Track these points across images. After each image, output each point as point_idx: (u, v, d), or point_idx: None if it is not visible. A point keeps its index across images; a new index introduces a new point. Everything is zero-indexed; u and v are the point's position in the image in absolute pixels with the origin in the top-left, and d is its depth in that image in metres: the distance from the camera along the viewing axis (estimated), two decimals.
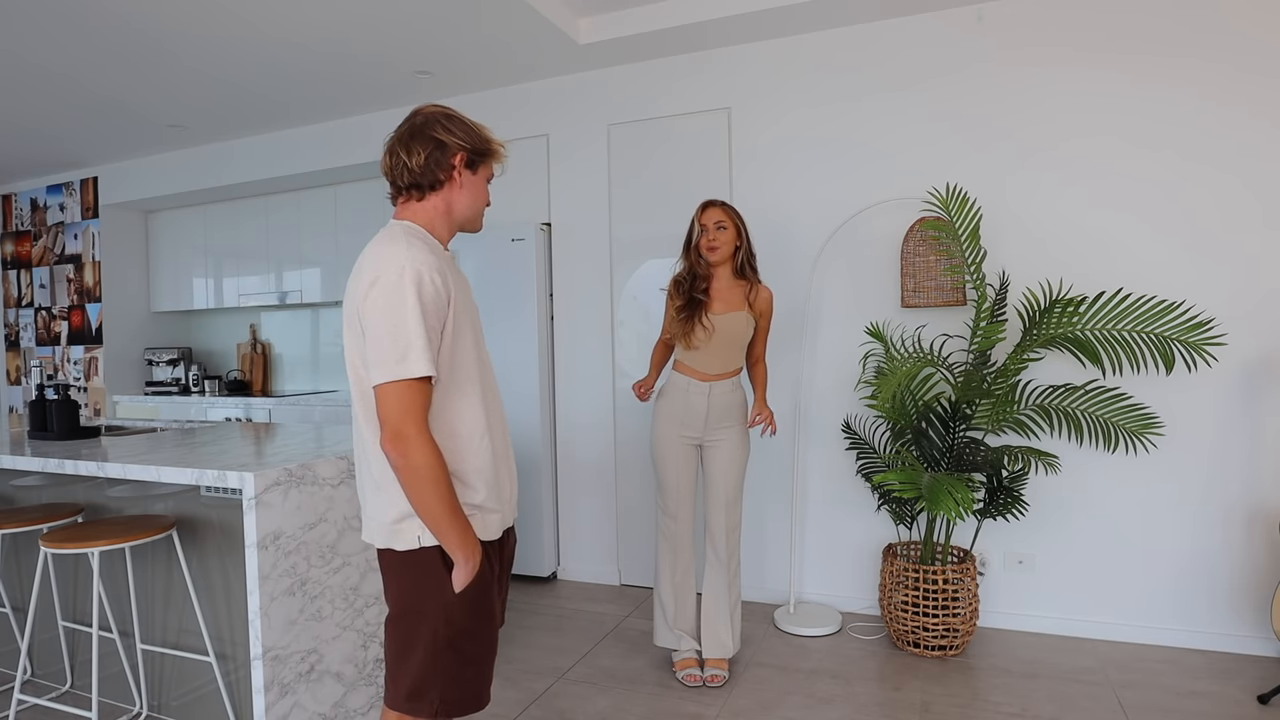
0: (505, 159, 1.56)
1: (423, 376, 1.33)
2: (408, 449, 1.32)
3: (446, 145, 1.45)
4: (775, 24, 3.29)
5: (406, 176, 1.46)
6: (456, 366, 1.42)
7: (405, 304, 1.32)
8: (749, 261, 2.68)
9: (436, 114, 1.48)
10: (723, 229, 2.62)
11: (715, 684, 2.66)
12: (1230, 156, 2.82)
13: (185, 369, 5.56)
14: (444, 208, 1.49)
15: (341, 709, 2.21)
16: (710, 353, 2.63)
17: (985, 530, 3.14)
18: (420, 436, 1.33)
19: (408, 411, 1.32)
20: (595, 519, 3.85)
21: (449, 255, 1.51)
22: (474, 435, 1.44)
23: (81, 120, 4.39)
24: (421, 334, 1.32)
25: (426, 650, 1.41)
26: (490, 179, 1.55)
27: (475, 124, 1.51)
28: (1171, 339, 2.72)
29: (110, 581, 2.55)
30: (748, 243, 2.69)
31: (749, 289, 2.68)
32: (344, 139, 4.47)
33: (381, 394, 1.33)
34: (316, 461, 2.16)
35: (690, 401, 2.66)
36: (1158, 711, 2.44)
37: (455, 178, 1.48)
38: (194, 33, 3.25)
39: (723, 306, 2.63)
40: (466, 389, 1.44)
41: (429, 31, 3.31)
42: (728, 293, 2.66)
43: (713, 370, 2.65)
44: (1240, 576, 2.86)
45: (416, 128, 1.46)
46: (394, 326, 1.32)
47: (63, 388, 4.88)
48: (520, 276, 3.80)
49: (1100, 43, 2.95)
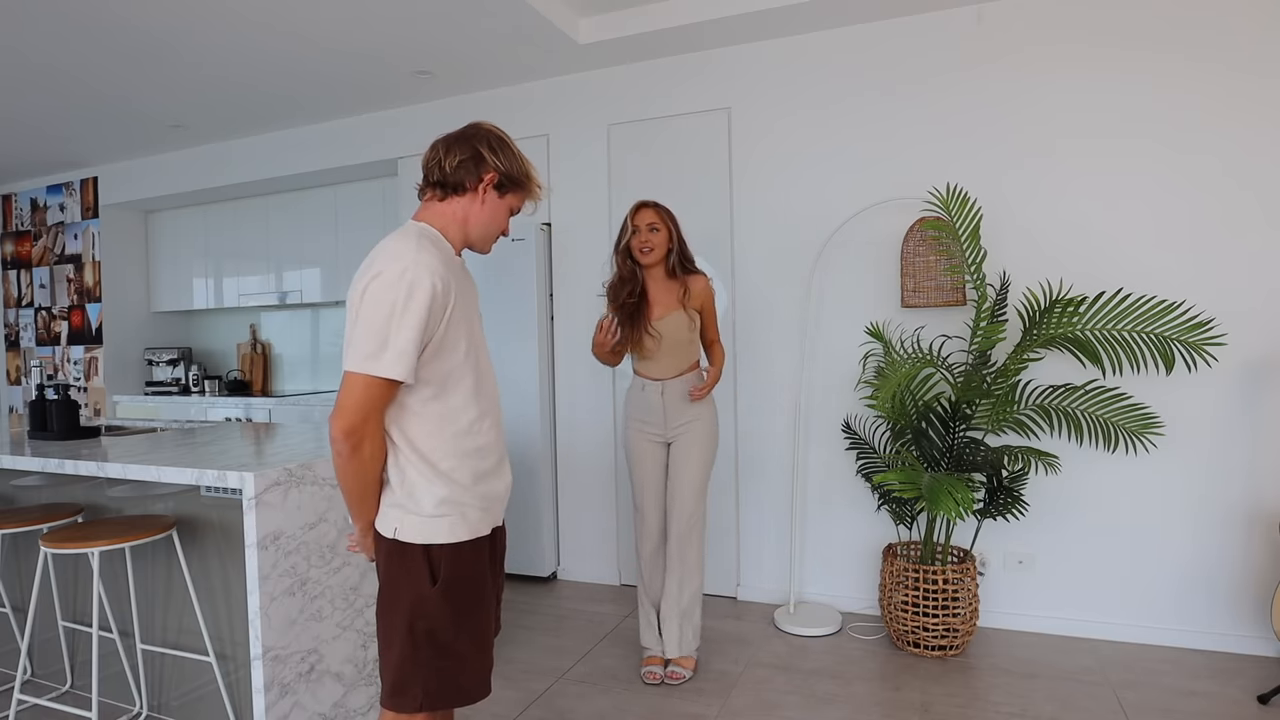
0: (538, 199, 1.59)
1: (391, 379, 1.35)
2: (361, 443, 1.37)
3: (484, 160, 1.49)
4: (775, 24, 3.29)
5: (437, 173, 1.50)
6: (446, 370, 1.44)
7: (398, 303, 1.34)
8: (681, 261, 2.68)
9: (490, 133, 1.53)
10: (655, 230, 2.62)
11: (675, 680, 2.68)
12: (1231, 156, 2.82)
13: (185, 369, 5.56)
14: (461, 216, 1.52)
15: (341, 709, 2.21)
16: (660, 357, 2.66)
17: (985, 530, 3.14)
18: (375, 434, 1.39)
19: (371, 408, 1.37)
20: (595, 519, 3.85)
21: (458, 261, 1.54)
22: (457, 436, 1.47)
23: (82, 120, 4.38)
24: (405, 337, 1.35)
25: (404, 642, 1.44)
26: (515, 211, 1.58)
27: (523, 158, 1.55)
28: (1171, 339, 2.72)
29: (110, 581, 2.55)
30: (679, 242, 2.68)
31: (680, 287, 2.67)
32: (344, 139, 4.47)
33: (349, 381, 1.36)
34: (316, 461, 2.16)
35: (648, 399, 2.70)
36: (1158, 711, 2.44)
37: (480, 191, 1.50)
38: (195, 32, 3.25)
39: (662, 310, 2.65)
40: (454, 391, 1.46)
41: (429, 31, 3.31)
42: (663, 294, 2.67)
43: (666, 373, 2.68)
44: (1240, 576, 2.86)
45: (466, 134, 1.52)
46: (383, 321, 1.34)
47: (63, 388, 4.89)
48: (520, 276, 3.80)
49: (1100, 42, 2.95)
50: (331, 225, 4.89)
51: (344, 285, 4.83)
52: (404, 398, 1.43)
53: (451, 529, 1.45)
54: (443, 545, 1.45)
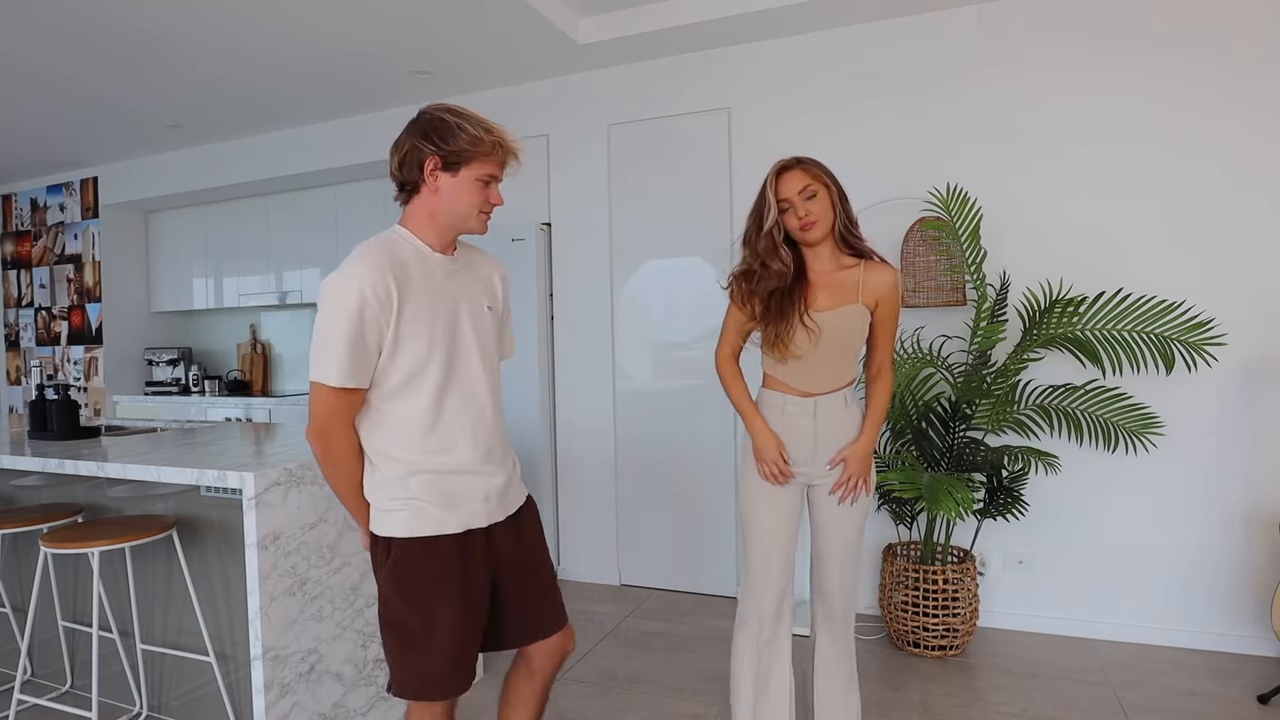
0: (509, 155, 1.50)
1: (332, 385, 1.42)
2: (329, 446, 1.47)
3: (420, 149, 1.45)
4: (775, 24, 3.29)
5: (393, 177, 1.53)
6: (406, 369, 1.46)
7: (331, 314, 1.40)
8: (849, 229, 1.89)
9: (429, 115, 1.47)
10: (813, 197, 1.84)
11: None
12: (1230, 157, 2.82)
13: (185, 369, 5.56)
14: (425, 210, 1.51)
15: (341, 709, 2.21)
16: (815, 362, 1.89)
17: (985, 530, 3.14)
18: (342, 436, 1.48)
19: (332, 412, 1.45)
20: (595, 519, 3.85)
21: (440, 259, 1.53)
22: (412, 436, 1.49)
23: (82, 120, 4.38)
24: (338, 345, 1.40)
25: (381, 627, 1.54)
26: (490, 179, 1.49)
27: (468, 127, 1.44)
28: (1171, 339, 2.72)
29: (110, 581, 2.55)
30: (844, 207, 1.89)
31: (854, 271, 1.89)
32: (344, 139, 4.47)
33: (311, 389, 1.46)
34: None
35: (790, 424, 1.93)
36: (1158, 711, 2.44)
37: (429, 181, 1.47)
38: (192, 32, 3.25)
39: (829, 299, 1.88)
40: (417, 389, 1.48)
41: (429, 31, 3.30)
42: (831, 278, 1.89)
43: (820, 386, 1.92)
44: (1240, 576, 2.86)
45: (406, 129, 1.49)
46: (322, 335, 1.42)
47: (63, 388, 4.89)
48: (520, 276, 3.80)
49: (1100, 43, 2.95)
50: (331, 225, 4.89)
51: None
52: (369, 398, 1.49)
53: (407, 524, 1.48)
54: (397, 539, 1.49)
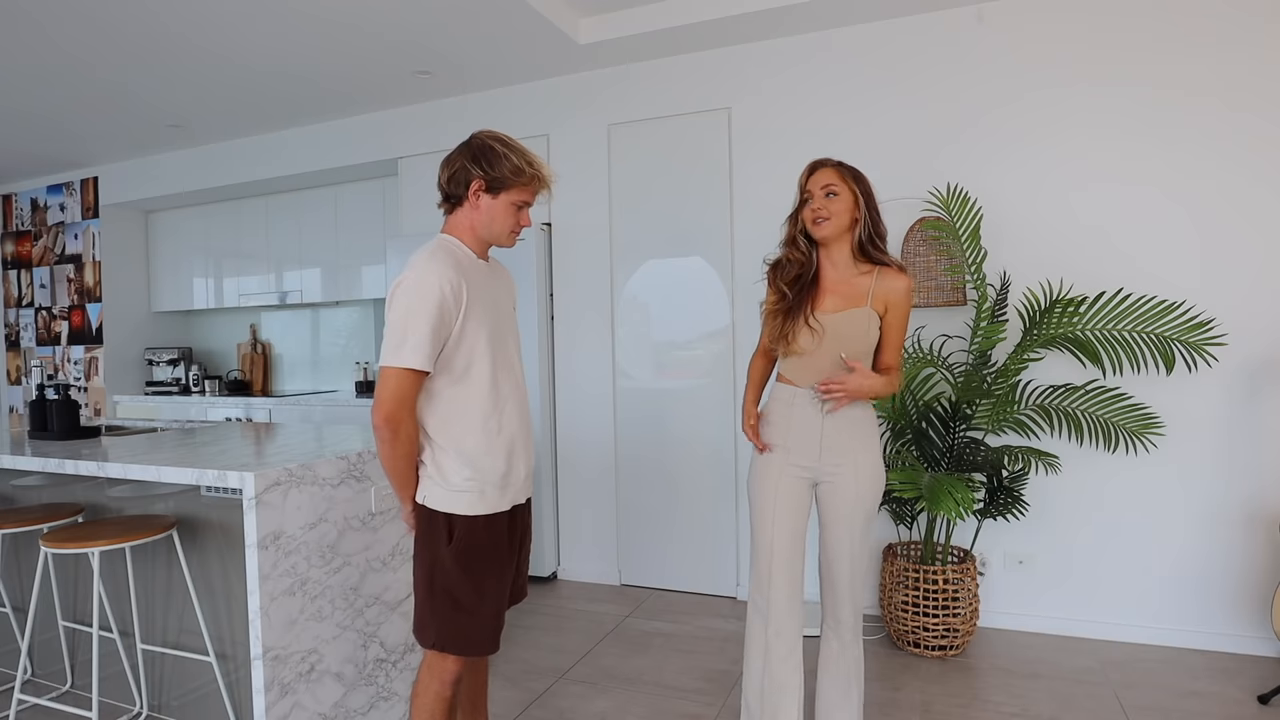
0: (544, 187, 1.72)
1: (412, 368, 1.57)
2: (399, 429, 1.61)
3: (469, 170, 1.66)
4: (775, 24, 3.29)
5: (442, 189, 1.72)
6: (466, 360, 1.66)
7: (412, 305, 1.58)
8: (873, 240, 1.97)
9: (479, 143, 1.68)
10: (834, 195, 1.94)
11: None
12: (1230, 157, 2.82)
13: (185, 369, 5.56)
14: (467, 223, 1.72)
15: (341, 709, 2.21)
16: (821, 361, 1.95)
17: (985, 530, 3.14)
18: (410, 420, 1.63)
19: (403, 396, 1.60)
20: (595, 519, 3.85)
21: (483, 264, 1.75)
22: (475, 421, 1.68)
23: (86, 112, 4.37)
24: (419, 332, 1.57)
25: (425, 590, 1.71)
26: (524, 204, 1.71)
27: (514, 157, 1.65)
28: (1172, 339, 2.72)
29: (110, 581, 2.55)
30: (869, 215, 1.97)
31: (870, 279, 1.96)
32: (344, 139, 4.47)
33: (382, 375, 1.60)
34: (317, 461, 2.16)
35: (796, 416, 1.98)
36: (1158, 711, 2.45)
37: (472, 199, 1.69)
38: (194, 29, 3.25)
39: (837, 301, 1.96)
40: (475, 379, 1.67)
41: (429, 32, 3.31)
42: (843, 282, 1.98)
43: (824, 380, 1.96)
44: (1240, 576, 2.86)
45: (459, 149, 1.70)
46: (401, 321, 1.58)
47: (63, 388, 4.89)
48: (521, 276, 3.79)
49: (1101, 43, 2.95)
50: (331, 225, 4.90)
51: (344, 285, 4.87)
52: (431, 386, 1.65)
53: (470, 504, 1.68)
54: (461, 516, 1.67)
